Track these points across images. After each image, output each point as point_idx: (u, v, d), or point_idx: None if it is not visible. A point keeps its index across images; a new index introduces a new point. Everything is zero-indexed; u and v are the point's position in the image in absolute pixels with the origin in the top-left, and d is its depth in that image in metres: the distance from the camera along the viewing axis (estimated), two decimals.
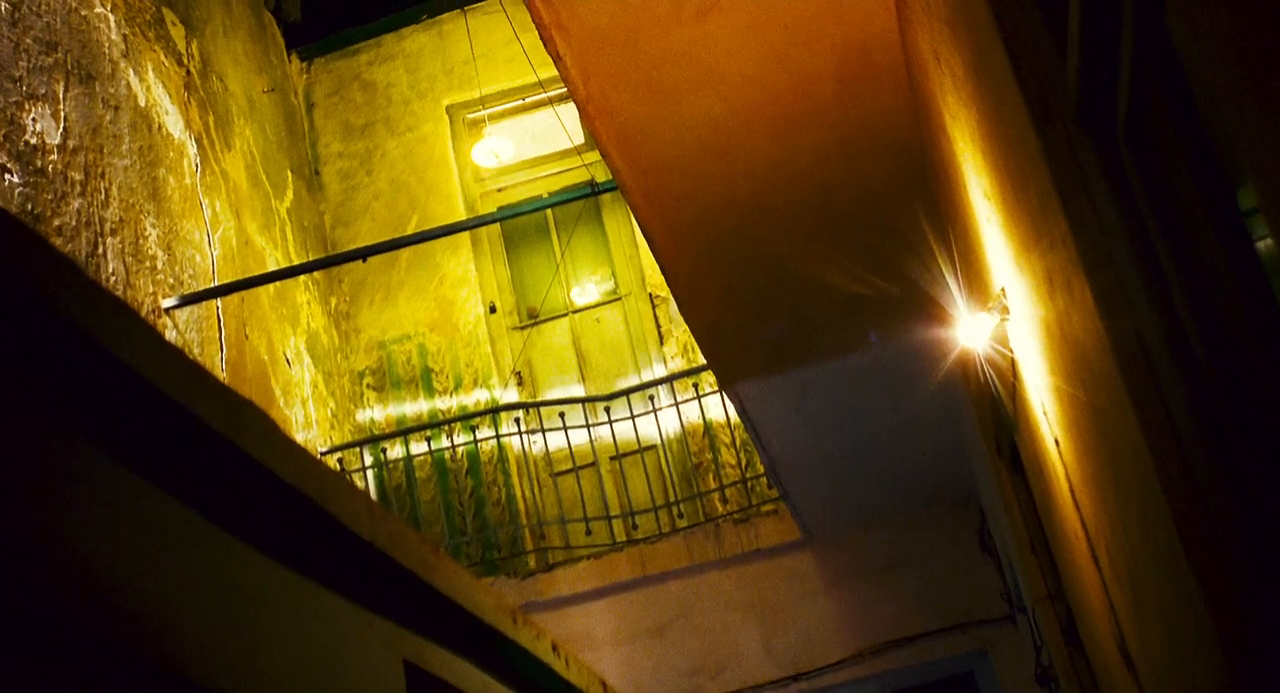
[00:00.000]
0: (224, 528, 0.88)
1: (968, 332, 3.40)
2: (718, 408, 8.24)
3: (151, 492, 0.80)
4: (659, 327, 8.95)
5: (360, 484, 8.21)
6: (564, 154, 9.46)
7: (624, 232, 9.24)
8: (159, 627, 0.77)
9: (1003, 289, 3.03)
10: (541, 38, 3.64)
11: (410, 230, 9.29)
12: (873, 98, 3.92)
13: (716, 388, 7.61)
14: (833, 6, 3.55)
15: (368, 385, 9.13)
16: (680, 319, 8.52)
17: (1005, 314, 3.03)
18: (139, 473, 0.79)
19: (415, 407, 9.03)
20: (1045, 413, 2.94)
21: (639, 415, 7.89)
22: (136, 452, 0.78)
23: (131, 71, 6.88)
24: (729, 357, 5.11)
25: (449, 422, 8.46)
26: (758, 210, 4.32)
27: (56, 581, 0.68)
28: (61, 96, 6.05)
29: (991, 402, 4.07)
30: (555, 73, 9.24)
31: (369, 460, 8.41)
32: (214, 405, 0.81)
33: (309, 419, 8.15)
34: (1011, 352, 3.18)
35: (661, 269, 4.65)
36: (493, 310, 9.19)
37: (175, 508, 0.82)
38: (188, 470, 0.82)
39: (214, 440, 0.81)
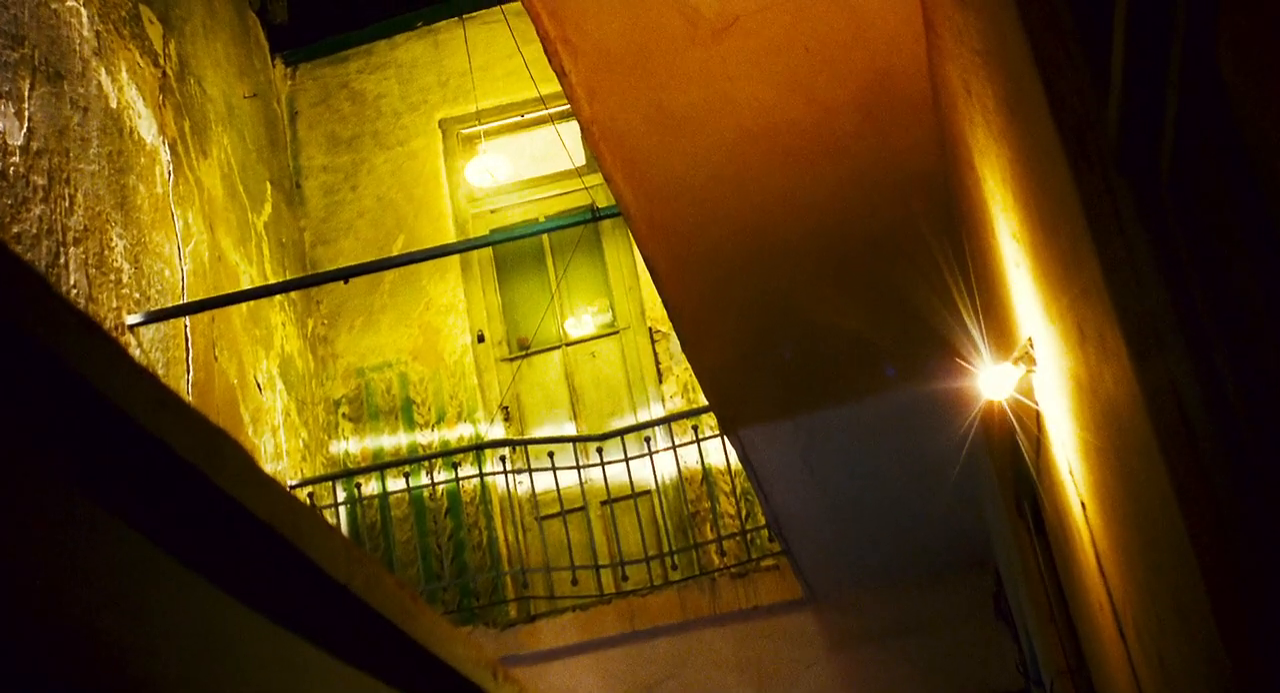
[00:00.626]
0: (188, 566, 0.87)
1: (990, 382, 3.40)
2: (718, 453, 8.23)
3: (114, 524, 0.80)
4: (658, 364, 8.96)
5: (331, 521, 8.18)
6: (563, 176, 9.50)
7: (624, 261, 9.27)
8: (114, 670, 0.76)
9: (1029, 339, 3.03)
10: (546, 53, 3.67)
11: (396, 251, 9.31)
12: (897, 129, 3.94)
13: (717, 432, 7.60)
14: (858, 32, 3.57)
15: (344, 415, 9.12)
16: (681, 356, 8.52)
17: (1031, 365, 3.03)
18: (101, 504, 0.78)
19: (394, 440, 9.01)
20: (1071, 473, 2.93)
21: (633, 458, 7.88)
22: (99, 481, 0.78)
23: (103, 71, 6.90)
24: (732, 399, 5.11)
25: (430, 457, 8.44)
26: (770, 244, 4.34)
27: (5, 618, 0.68)
28: (26, 95, 6.07)
29: (1013, 459, 4.07)
30: (558, 89, 9.30)
31: (342, 496, 8.39)
32: (186, 434, 0.80)
33: (279, 449, 8.14)
34: (1037, 406, 3.18)
35: (664, 303, 4.66)
36: (481, 340, 9.20)
37: (138, 542, 0.82)
38: (154, 503, 0.82)
39: (184, 472, 0.81)
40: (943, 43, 3.27)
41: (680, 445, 8.04)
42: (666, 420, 8.17)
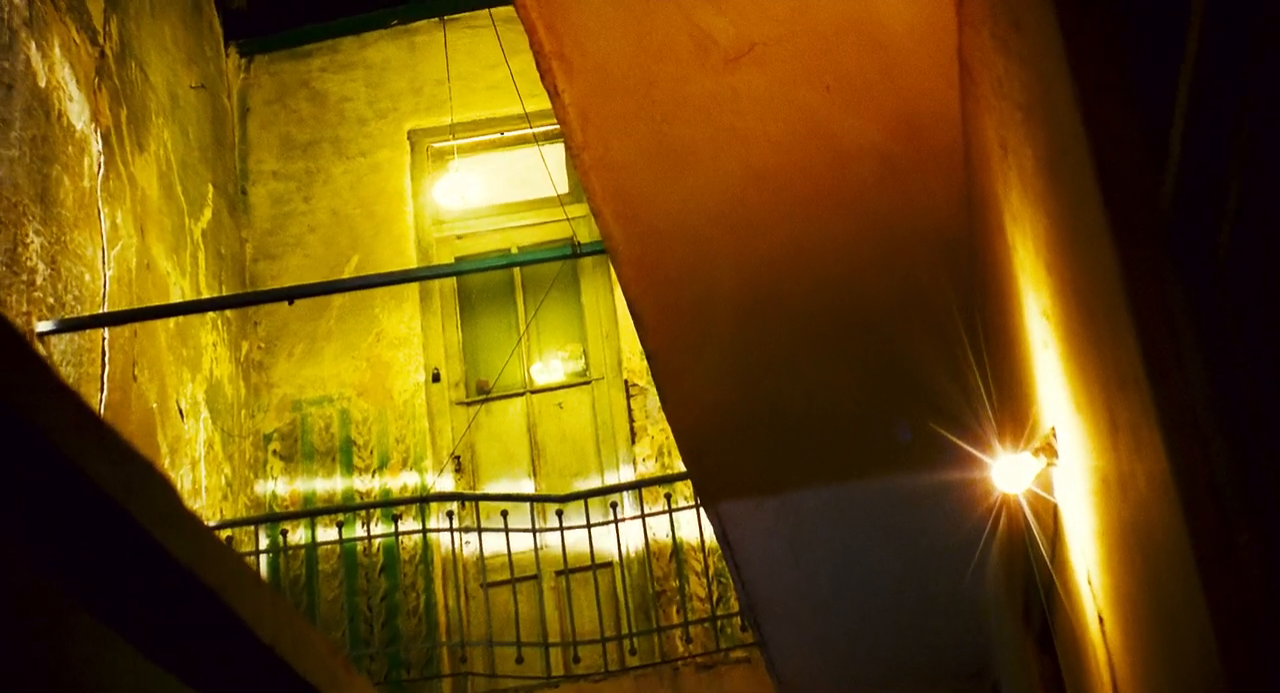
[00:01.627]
0: (96, 613, 0.85)
1: (1005, 474, 3.41)
2: (691, 527, 8.20)
3: (12, 562, 0.78)
4: (632, 421, 8.95)
5: None
6: (543, 204, 9.53)
7: (603, 304, 9.28)
8: None
9: (1053, 428, 3.04)
10: (539, 68, 3.68)
11: (349, 273, 9.31)
12: (920, 183, 3.97)
13: (693, 503, 7.59)
14: (886, 71, 3.60)
15: (274, 452, 9.07)
16: (659, 415, 8.50)
17: (1053, 458, 3.03)
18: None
19: (329, 484, 8.96)
20: (1090, 582, 2.93)
21: (596, 525, 7.85)
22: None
23: (33, 44, 6.87)
24: (714, 468, 5.10)
25: (368, 506, 8.40)
26: (770, 299, 4.35)
27: None
28: None
29: (1023, 562, 4.07)
30: (546, 106, 9.34)
31: (265, 543, 8.32)
32: (106, 462, 0.79)
33: (198, 485, 8.08)
34: (1055, 504, 3.18)
35: (646, 354, 4.65)
36: (436, 379, 9.19)
37: (37, 582, 0.80)
38: (64, 538, 0.80)
39: (103, 506, 0.79)
40: (980, 91, 3.30)
41: (650, 515, 8.01)
42: (637, 486, 8.15)
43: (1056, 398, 2.97)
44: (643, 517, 7.98)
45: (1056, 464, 3.06)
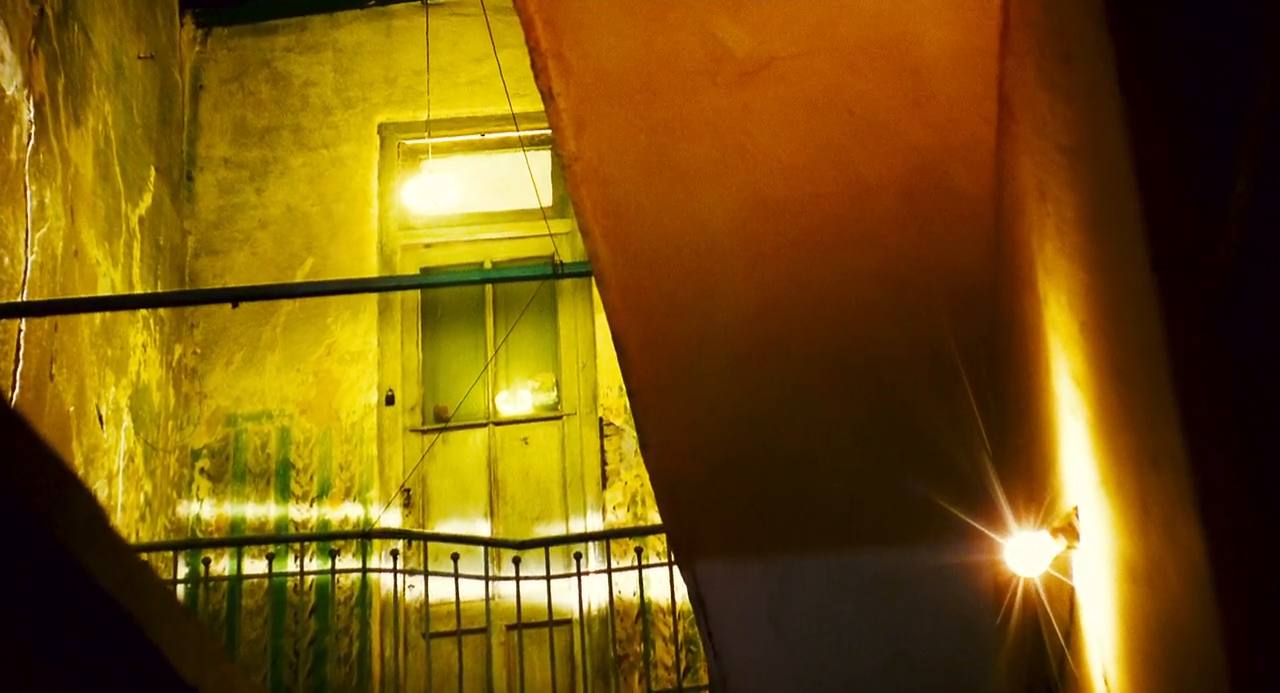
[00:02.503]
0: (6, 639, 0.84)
1: (1018, 553, 3.40)
2: (662, 586, 8.17)
3: None
4: (604, 464, 8.92)
5: None
6: (524, 216, 9.53)
7: (582, 331, 9.27)
8: None
9: (1075, 507, 3.04)
10: (533, 66, 3.69)
11: (301, 277, 9.29)
12: (944, 224, 3.98)
13: (666, 559, 7.56)
14: (916, 98, 3.62)
15: (202, 471, 9.02)
16: (634, 459, 8.49)
17: (1073, 540, 3.03)
18: None
19: (261, 510, 8.92)
20: (1106, 678, 2.93)
21: (557, 577, 7.81)
22: None
23: None
24: (693, 522, 5.08)
25: (303, 538, 8.34)
26: (770, 340, 4.35)
27: None
28: None
29: (1033, 651, 4.06)
30: (536, 108, 9.33)
31: (183, 571, 8.26)
32: (28, 475, 0.77)
33: (114, 502, 8.03)
34: (1073, 591, 3.18)
35: (628, 391, 4.64)
36: (390, 402, 9.16)
37: None
38: None
39: (20, 523, 0.78)
40: (1019, 129, 3.31)
41: (617, 570, 7.97)
42: (605, 536, 8.11)
43: (1081, 473, 2.97)
44: (609, 571, 7.94)
45: (1077, 547, 3.06)
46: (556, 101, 3.71)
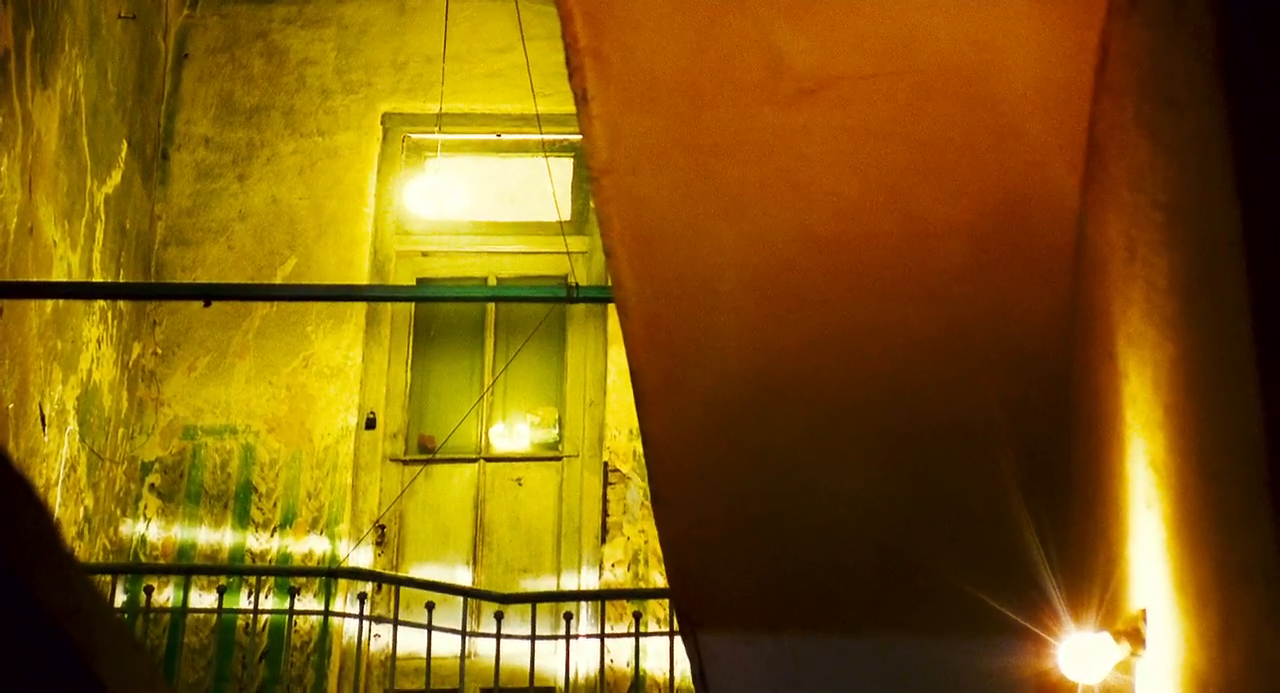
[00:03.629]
0: None
1: (1070, 656, 3.37)
2: (660, 657, 8.13)
3: None
4: (606, 514, 8.90)
5: None
6: (538, 228, 9.54)
7: (593, 364, 9.27)
8: None
9: (1142, 611, 3.01)
10: (568, 63, 3.68)
11: (281, 278, 9.31)
12: (1013, 278, 3.96)
13: (667, 629, 7.53)
14: (996, 136, 3.60)
15: (152, 487, 9.02)
16: (640, 512, 8.47)
17: (1138, 647, 3.00)
18: None
19: (214, 536, 8.91)
20: None
21: (543, 638, 7.78)
22: None
23: None
24: (702, 589, 5.06)
25: (259, 572, 8.32)
26: (805, 393, 4.33)
27: None
28: None
29: None
30: (562, 110, 9.36)
31: (122, 598, 8.24)
32: None
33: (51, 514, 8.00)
34: None
35: (643, 436, 4.62)
36: (370, 426, 9.16)
37: None
38: None
39: None
40: (1109, 179, 3.29)
41: (611, 635, 7.95)
42: (600, 596, 8.09)
43: (1153, 573, 2.95)
44: (602, 636, 7.91)
45: (1142, 655, 3.03)
46: (591, 106, 3.70)
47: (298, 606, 8.31)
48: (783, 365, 4.23)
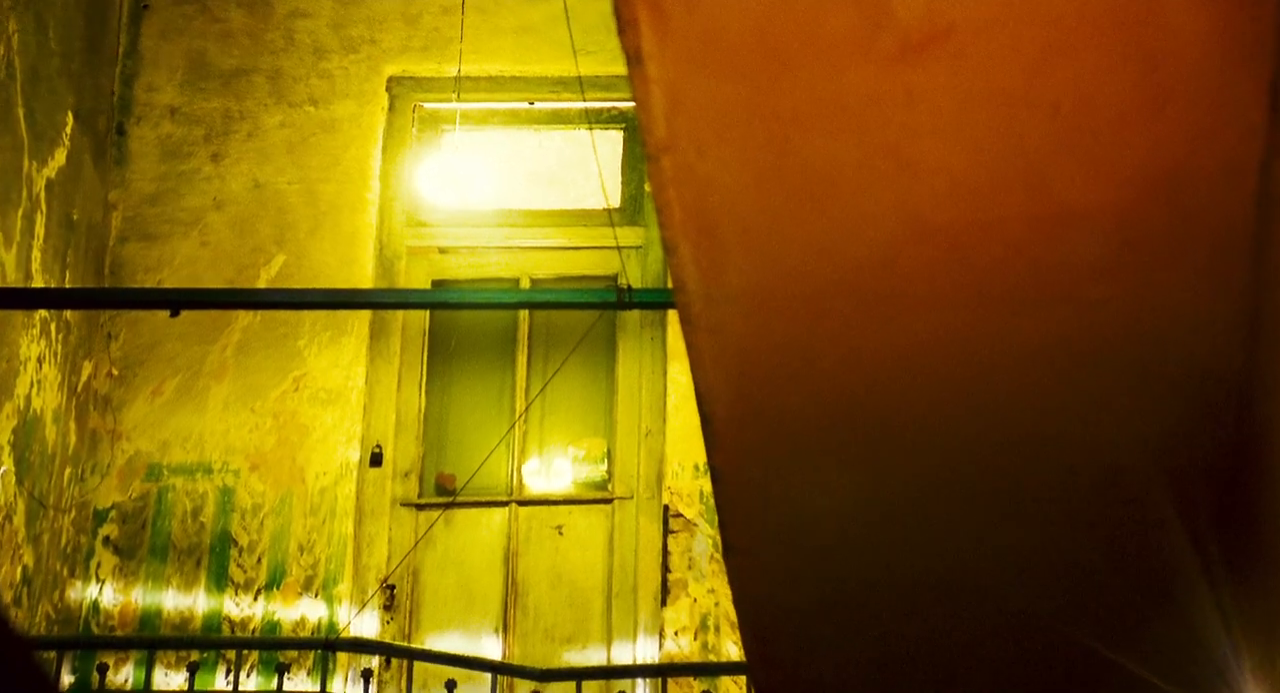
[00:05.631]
0: None
1: None
2: None
3: None
4: (667, 570, 8.89)
5: None
6: (581, 218, 9.56)
7: (649, 385, 9.27)
8: None
9: None
10: (617, 15, 3.66)
11: (265, 281, 9.36)
12: (1175, 277, 3.93)
13: None
14: (1151, 100, 3.58)
15: (107, 541, 9.07)
16: (711, 567, 8.46)
17: None
18: None
19: (185, 600, 8.95)
20: None
21: None
22: None
23: None
24: (786, 667, 5.06)
25: (241, 645, 8.36)
26: (913, 421, 4.31)
27: None
28: None
29: None
30: (610, 72, 9.36)
31: (70, 679, 8.28)
32: None
33: None
34: None
35: (712, 473, 4.59)
36: (376, 462, 9.18)
37: None
38: None
39: None
40: None
41: None
42: (662, 672, 8.09)
43: None
44: None
45: None
46: (646, 67, 3.69)
47: (287, 686, 8.33)
48: (883, 385, 4.21)
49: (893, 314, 4.16)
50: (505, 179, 9.74)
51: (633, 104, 3.80)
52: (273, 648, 8.41)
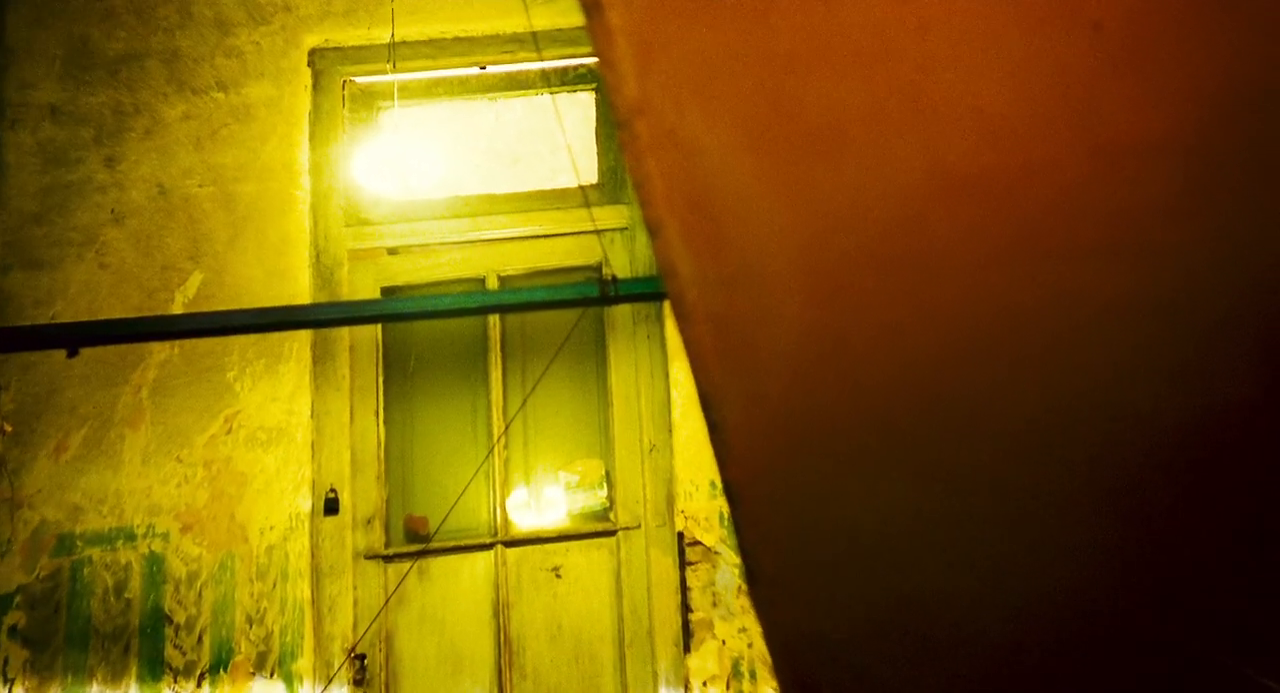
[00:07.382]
0: None
1: None
2: None
3: None
4: (687, 609, 8.94)
5: None
6: (554, 199, 9.60)
7: (650, 391, 9.32)
8: None
9: None
10: None
11: (182, 304, 9.40)
12: (1253, 219, 3.97)
13: None
14: (1219, 3, 3.62)
15: (13, 631, 9.10)
16: (738, 603, 8.49)
17: None
18: None
19: None
20: None
21: None
22: None
23: None
24: None
25: None
26: (959, 411, 4.34)
27: None
28: None
29: None
30: (569, 24, 9.38)
31: None
32: None
33: None
34: None
35: (725, 489, 4.65)
36: (332, 509, 9.23)
37: None
38: None
39: None
40: None
41: None
42: None
43: None
44: None
45: None
46: (607, 15, 3.72)
47: None
48: (920, 369, 4.25)
49: (926, 283, 4.19)
50: (458, 161, 9.79)
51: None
52: None
